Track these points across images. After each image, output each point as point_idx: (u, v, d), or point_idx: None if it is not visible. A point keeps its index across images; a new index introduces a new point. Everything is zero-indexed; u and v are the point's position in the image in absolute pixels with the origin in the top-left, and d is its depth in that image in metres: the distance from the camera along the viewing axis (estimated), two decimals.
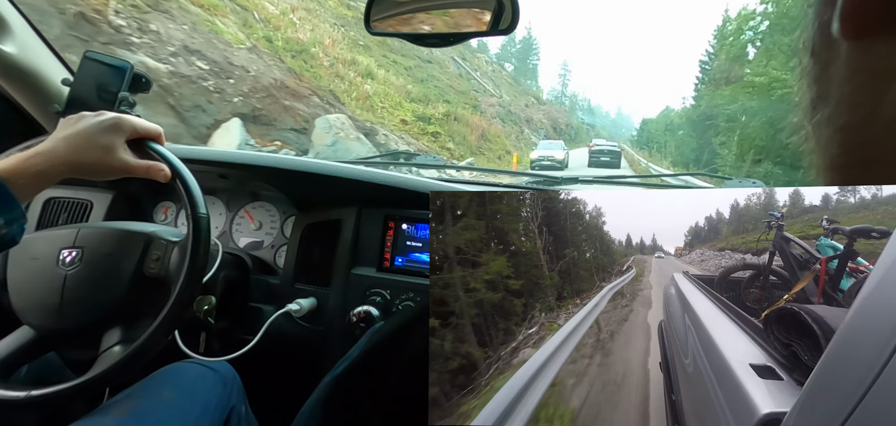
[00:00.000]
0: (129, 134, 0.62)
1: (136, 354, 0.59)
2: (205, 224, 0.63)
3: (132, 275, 0.65)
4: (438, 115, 15.10)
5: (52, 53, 0.97)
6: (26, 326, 0.65)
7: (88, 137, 0.59)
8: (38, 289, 0.65)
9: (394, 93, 13.98)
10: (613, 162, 20.63)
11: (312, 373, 0.91)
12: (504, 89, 31.22)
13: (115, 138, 0.60)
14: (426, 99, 16.29)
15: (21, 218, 0.53)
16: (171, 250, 0.67)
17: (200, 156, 0.94)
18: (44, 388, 0.58)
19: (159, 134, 0.67)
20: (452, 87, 21.96)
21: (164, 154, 0.65)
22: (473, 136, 16.39)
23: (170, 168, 0.64)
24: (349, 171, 0.92)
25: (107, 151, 0.60)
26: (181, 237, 0.68)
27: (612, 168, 19.31)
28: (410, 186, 0.91)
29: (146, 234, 0.68)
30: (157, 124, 0.67)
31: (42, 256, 0.66)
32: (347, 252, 0.90)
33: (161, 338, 0.60)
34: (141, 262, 0.66)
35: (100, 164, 0.59)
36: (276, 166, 0.94)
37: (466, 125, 16.63)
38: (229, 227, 1.06)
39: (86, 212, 1.01)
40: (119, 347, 0.62)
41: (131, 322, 0.65)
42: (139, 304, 0.66)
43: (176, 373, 0.71)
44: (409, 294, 0.86)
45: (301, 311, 0.87)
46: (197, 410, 0.67)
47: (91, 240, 0.67)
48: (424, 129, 13.19)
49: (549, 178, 1.40)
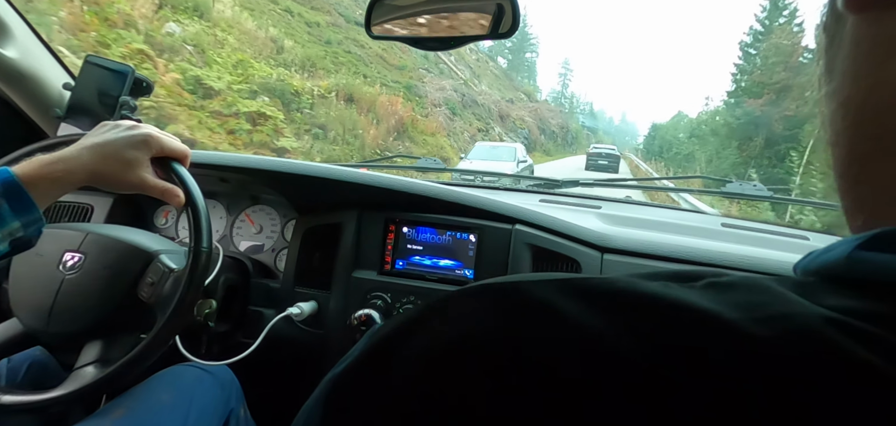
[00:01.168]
0: (155, 151, 0.61)
1: (108, 380, 0.59)
2: (204, 260, 0.62)
3: (124, 296, 0.65)
4: (309, 88, 9.73)
5: (53, 58, 0.98)
6: (15, 319, 0.65)
7: (115, 149, 0.58)
8: (36, 287, 0.65)
9: (244, 44, 9.24)
10: (611, 165, 20.59)
11: (313, 377, 0.91)
12: (486, 82, 25.51)
13: (142, 154, 0.59)
14: (311, 64, 11.17)
15: (39, 221, 0.53)
16: (167, 279, 0.66)
17: (200, 159, 0.94)
18: (13, 396, 0.58)
19: (186, 156, 0.65)
20: (383, 59, 16.38)
21: (185, 179, 0.63)
22: (376, 130, 10.64)
23: (186, 194, 0.63)
24: (350, 174, 0.92)
25: (129, 166, 0.58)
26: (180, 267, 0.67)
27: (610, 172, 19.24)
28: (412, 189, 0.91)
29: (148, 254, 0.67)
30: (185, 146, 0.65)
31: (46, 254, 0.66)
32: (348, 255, 0.90)
33: (135, 368, 0.59)
34: (136, 283, 0.66)
35: (118, 177, 0.58)
36: (276, 170, 0.94)
37: (370, 110, 10.99)
38: (230, 231, 1.06)
39: (86, 215, 1.01)
40: (93, 368, 0.61)
41: (113, 339, 0.65)
42: (125, 325, 0.66)
43: (174, 377, 0.71)
44: (410, 297, 0.86)
45: (302, 315, 0.87)
46: (195, 413, 0.67)
47: (95, 248, 0.67)
48: (246, 105, 7.59)
49: (549, 181, 1.40)
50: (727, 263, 0.79)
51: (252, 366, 0.80)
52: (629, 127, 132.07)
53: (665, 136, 34.96)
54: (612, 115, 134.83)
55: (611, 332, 0.16)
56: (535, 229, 0.86)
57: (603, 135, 75.82)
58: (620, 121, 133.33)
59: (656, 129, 46.10)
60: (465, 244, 0.88)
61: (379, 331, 0.21)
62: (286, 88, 9.08)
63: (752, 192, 1.19)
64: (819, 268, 0.19)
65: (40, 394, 0.58)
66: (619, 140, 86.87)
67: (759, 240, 0.93)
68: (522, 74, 55.79)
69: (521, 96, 32.06)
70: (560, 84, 77.33)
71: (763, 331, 0.15)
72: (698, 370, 0.14)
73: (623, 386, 0.14)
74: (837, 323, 0.15)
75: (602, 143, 36.18)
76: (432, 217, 0.90)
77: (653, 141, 43.26)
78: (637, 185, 5.85)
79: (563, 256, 0.84)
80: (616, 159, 21.19)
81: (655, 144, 40.60)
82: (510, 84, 35.67)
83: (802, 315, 0.15)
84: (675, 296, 0.17)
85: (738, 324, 0.15)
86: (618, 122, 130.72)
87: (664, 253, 0.82)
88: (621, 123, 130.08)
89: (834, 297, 0.16)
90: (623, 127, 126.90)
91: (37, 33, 0.94)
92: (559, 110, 46.61)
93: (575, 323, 0.16)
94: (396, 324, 0.20)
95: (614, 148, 24.93)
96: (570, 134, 38.63)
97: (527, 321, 0.17)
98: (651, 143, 44.28)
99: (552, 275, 0.20)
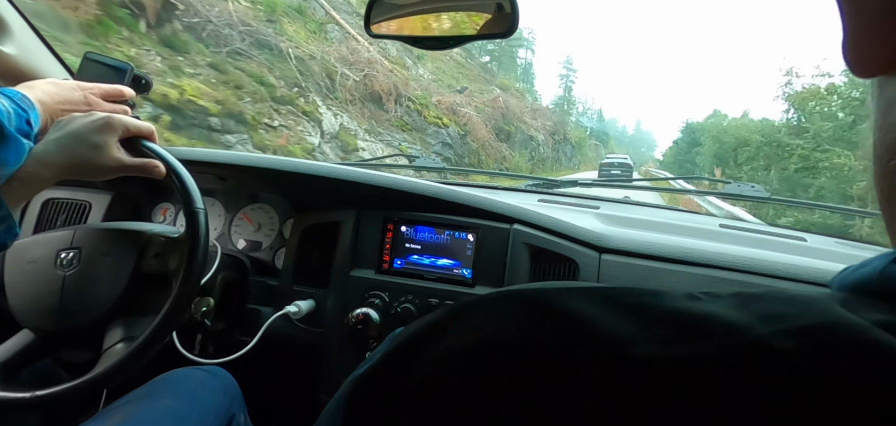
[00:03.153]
0: (121, 133, 0.62)
1: (140, 350, 0.59)
2: (202, 218, 0.63)
3: (132, 273, 0.65)
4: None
5: (51, 55, 0.97)
6: (27, 330, 0.64)
7: (80, 138, 0.59)
8: (38, 291, 0.65)
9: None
10: (624, 175, 20.60)
11: (310, 375, 0.91)
12: (433, 65, 15.44)
13: (108, 137, 0.60)
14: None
15: (8, 220, 0.52)
16: (170, 247, 0.67)
17: (198, 157, 0.94)
18: (49, 388, 0.58)
19: (151, 132, 0.66)
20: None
21: (158, 151, 0.65)
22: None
23: (164, 164, 0.64)
24: (348, 172, 0.92)
25: (99, 151, 0.59)
26: (179, 234, 0.68)
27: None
28: (410, 188, 0.91)
29: (143, 233, 0.68)
30: (147, 123, 0.67)
31: (39, 259, 0.66)
32: (346, 254, 0.90)
33: (164, 333, 0.60)
34: (140, 260, 0.66)
35: (92, 164, 0.59)
36: (275, 168, 0.94)
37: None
38: (228, 229, 1.05)
39: (84, 213, 1.01)
40: (122, 344, 0.62)
41: (133, 319, 0.65)
42: (140, 301, 0.66)
43: (177, 380, 0.71)
44: (408, 296, 0.86)
45: (299, 313, 0.87)
46: (196, 417, 0.67)
47: (88, 241, 0.67)
48: None
49: (548, 181, 1.40)
50: (725, 264, 0.79)
51: (249, 363, 0.80)
52: (645, 136, 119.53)
53: (723, 137, 22.36)
54: (624, 124, 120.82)
55: (638, 339, 0.16)
56: (534, 229, 0.86)
57: (615, 145, 68.40)
58: (635, 129, 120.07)
59: (690, 129, 32.77)
60: (463, 243, 0.88)
61: (401, 335, 0.21)
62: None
63: (751, 193, 1.19)
64: (854, 283, 0.20)
65: (77, 380, 0.58)
66: (635, 152, 78.92)
67: (756, 241, 0.93)
68: (510, 73, 41.90)
69: (492, 89, 20.71)
70: (562, 86, 65.15)
71: (791, 343, 0.15)
72: (732, 381, 0.14)
73: (648, 395, 0.14)
74: (887, 326, 0.15)
75: (613, 153, 34.85)
76: (431, 216, 0.90)
77: (684, 150, 31.35)
78: (637, 186, 5.85)
79: (561, 256, 0.84)
80: (629, 168, 21.22)
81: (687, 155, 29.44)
82: (480, 74, 23.63)
83: (844, 324, 0.15)
84: (703, 308, 0.17)
85: (768, 336, 0.15)
86: (632, 131, 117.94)
87: (662, 253, 0.82)
88: (636, 132, 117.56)
89: (869, 311, 0.16)
90: (638, 136, 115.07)
91: (35, 30, 0.94)
92: (552, 112, 33.75)
93: (598, 330, 0.16)
94: (418, 328, 0.20)
95: (627, 157, 24.83)
96: (568, 144, 28.59)
97: (549, 328, 0.17)
98: (682, 151, 32.05)
99: (572, 284, 0.20)
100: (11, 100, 0.55)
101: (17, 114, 0.54)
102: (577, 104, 70.93)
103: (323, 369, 0.89)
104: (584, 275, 0.81)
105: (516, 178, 5.64)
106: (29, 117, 0.57)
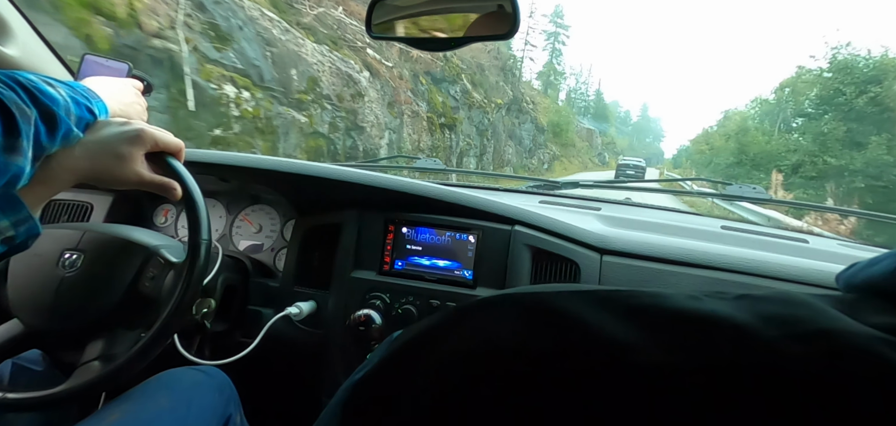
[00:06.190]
0: (149, 146, 0.60)
1: (113, 375, 0.59)
2: (203, 250, 0.62)
3: (126, 289, 0.65)
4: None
5: (53, 55, 0.97)
6: (16, 320, 0.65)
7: (107, 146, 0.57)
8: (35, 286, 0.65)
9: None
10: (638, 176, 20.58)
11: (311, 377, 0.91)
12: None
13: (135, 149, 0.59)
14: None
15: (29, 220, 0.51)
16: (168, 272, 0.66)
17: (201, 158, 0.94)
18: (18, 393, 0.58)
19: (180, 149, 0.65)
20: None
21: (180, 171, 0.63)
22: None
23: (183, 187, 0.63)
24: (350, 174, 0.92)
25: (123, 161, 0.58)
26: (181, 259, 0.67)
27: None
28: (411, 190, 0.91)
29: (147, 249, 0.67)
30: (179, 139, 0.65)
31: (44, 254, 0.66)
32: (347, 255, 0.90)
33: (140, 362, 0.59)
34: (137, 278, 0.66)
35: (113, 174, 0.58)
36: (276, 169, 0.94)
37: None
38: (229, 230, 1.05)
39: (86, 214, 1.01)
40: (98, 363, 0.61)
41: (116, 334, 0.65)
42: (128, 319, 0.66)
43: (173, 380, 0.71)
44: (409, 297, 0.86)
45: (301, 315, 0.87)
46: (192, 418, 0.66)
47: (94, 246, 0.67)
48: None
49: (550, 182, 1.40)
50: (727, 266, 0.79)
51: (251, 365, 0.80)
52: (652, 124, 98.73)
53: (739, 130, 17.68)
54: (628, 109, 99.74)
55: (639, 345, 0.16)
56: (535, 230, 0.86)
57: (615, 134, 58.28)
58: (640, 115, 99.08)
59: (729, 118, 27.31)
60: (464, 245, 0.88)
61: (398, 339, 0.21)
62: None
63: (752, 194, 1.19)
64: (862, 282, 0.20)
65: (44, 391, 0.58)
66: (639, 142, 68.89)
67: (758, 243, 0.93)
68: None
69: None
70: (548, 49, 44.70)
71: (799, 348, 0.15)
72: (735, 385, 0.14)
73: (651, 402, 0.14)
74: (888, 342, 0.15)
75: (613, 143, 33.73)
76: (432, 217, 0.90)
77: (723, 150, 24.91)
78: (636, 187, 5.85)
79: (562, 258, 0.83)
80: (642, 171, 21.21)
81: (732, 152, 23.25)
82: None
83: (849, 333, 0.15)
84: (707, 308, 0.17)
85: (775, 341, 0.15)
86: (636, 117, 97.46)
87: (664, 255, 0.82)
88: (641, 119, 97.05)
89: (878, 314, 0.16)
90: (643, 124, 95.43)
91: (37, 31, 0.94)
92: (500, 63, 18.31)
93: (599, 334, 0.16)
94: (416, 333, 0.20)
95: (642, 161, 24.77)
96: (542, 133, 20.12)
97: (550, 331, 0.17)
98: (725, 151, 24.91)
99: (573, 286, 0.20)
100: (74, 90, 0.55)
101: (76, 102, 0.54)
102: (566, 77, 54.64)
103: (324, 371, 0.89)
104: (585, 276, 0.81)
105: (517, 179, 5.65)
106: (91, 105, 0.57)
